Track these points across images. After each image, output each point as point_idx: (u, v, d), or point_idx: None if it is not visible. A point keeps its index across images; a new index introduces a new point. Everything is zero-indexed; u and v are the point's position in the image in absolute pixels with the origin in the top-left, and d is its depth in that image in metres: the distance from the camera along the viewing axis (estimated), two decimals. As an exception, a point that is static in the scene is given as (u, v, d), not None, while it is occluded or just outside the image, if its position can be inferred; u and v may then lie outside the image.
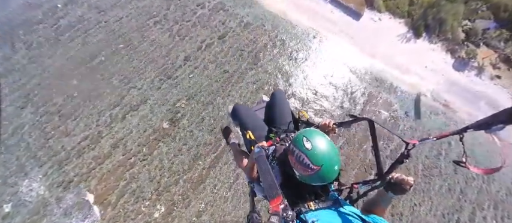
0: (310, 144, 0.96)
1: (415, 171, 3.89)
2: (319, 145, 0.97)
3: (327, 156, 0.96)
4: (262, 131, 1.63)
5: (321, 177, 0.96)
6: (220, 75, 4.62)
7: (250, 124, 1.68)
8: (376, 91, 4.64)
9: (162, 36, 5.19)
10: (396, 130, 4.25)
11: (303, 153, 0.96)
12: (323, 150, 0.96)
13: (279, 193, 0.85)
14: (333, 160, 0.97)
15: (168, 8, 5.67)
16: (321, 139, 1.00)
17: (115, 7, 5.68)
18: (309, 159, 0.94)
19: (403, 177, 1.01)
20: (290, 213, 0.81)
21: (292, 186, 1.09)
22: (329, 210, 1.00)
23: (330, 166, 0.95)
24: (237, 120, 1.81)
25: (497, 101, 4.62)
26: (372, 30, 5.39)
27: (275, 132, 1.56)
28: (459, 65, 4.98)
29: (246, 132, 1.61)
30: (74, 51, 4.91)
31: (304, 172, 0.97)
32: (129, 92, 4.38)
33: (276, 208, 0.81)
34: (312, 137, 1.00)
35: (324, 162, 0.93)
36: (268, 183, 0.91)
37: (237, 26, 5.40)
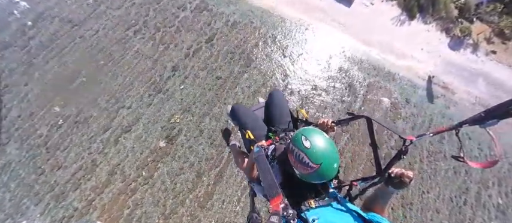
0: (309, 143, 0.97)
1: (421, 158, 3.90)
2: (318, 143, 0.98)
3: (326, 154, 0.97)
4: (261, 131, 1.62)
5: (320, 175, 0.97)
6: (213, 83, 4.39)
7: (249, 123, 1.67)
8: (374, 80, 4.54)
9: (144, 46, 4.84)
10: (398, 118, 4.20)
11: (302, 152, 0.97)
12: (322, 148, 0.97)
13: (279, 192, 0.86)
14: (332, 158, 0.98)
15: (146, 15, 5.26)
16: (319, 138, 1.00)
17: (89, 19, 5.23)
18: (308, 158, 0.95)
19: (403, 171, 1.02)
20: (290, 212, 0.82)
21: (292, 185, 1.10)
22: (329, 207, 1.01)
23: (329, 164, 0.96)
24: (236, 120, 1.80)
25: (494, 77, 4.62)
26: (364, 16, 5.19)
27: (274, 132, 1.56)
28: (454, 43, 4.90)
29: (245, 132, 1.60)
30: (51, 75, 4.53)
31: (304, 170, 0.98)
32: (118, 112, 4.12)
33: (276, 207, 0.81)
34: (310, 136, 1.00)
35: (323, 160, 0.94)
36: (268, 183, 0.91)
37: (223, 26, 5.09)
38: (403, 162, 3.84)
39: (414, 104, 4.35)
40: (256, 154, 1.12)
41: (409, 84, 4.55)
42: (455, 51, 4.87)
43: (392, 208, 3.55)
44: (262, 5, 5.46)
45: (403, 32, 5.04)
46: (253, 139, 1.56)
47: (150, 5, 5.42)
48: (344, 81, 4.50)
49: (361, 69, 4.65)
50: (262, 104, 1.96)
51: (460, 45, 4.89)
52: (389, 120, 4.15)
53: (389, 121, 4.15)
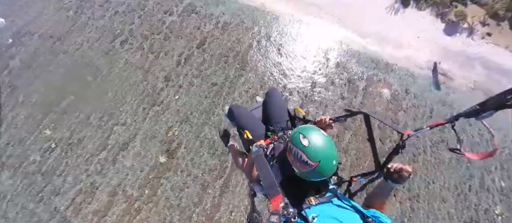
0: (307, 141, 0.96)
1: (424, 148, 3.89)
2: (316, 141, 0.98)
3: (325, 151, 0.97)
4: (259, 130, 1.62)
5: (319, 173, 0.98)
6: (209, 90, 4.23)
7: (248, 123, 1.67)
8: (373, 73, 4.46)
9: (133, 57, 4.61)
10: (399, 111, 4.16)
11: (301, 150, 0.97)
12: (320, 145, 0.97)
13: (278, 191, 0.86)
14: (331, 155, 0.98)
15: (132, 23, 4.99)
16: (317, 135, 1.00)
17: (71, 33, 4.93)
18: (307, 156, 0.95)
19: (402, 166, 1.02)
20: (290, 211, 0.82)
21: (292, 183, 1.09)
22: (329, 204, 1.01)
23: (328, 161, 0.96)
24: (234, 120, 1.79)
25: (491, 60, 4.59)
26: (358, 7, 5.04)
27: (272, 131, 1.56)
28: (450, 29, 4.83)
29: (244, 132, 1.60)
30: (37, 96, 4.28)
31: (303, 169, 0.98)
32: (112, 130, 3.95)
33: (276, 207, 0.82)
34: (308, 134, 1.00)
35: (322, 158, 0.94)
36: (267, 182, 0.91)
37: (214, 29, 4.88)
38: (407, 154, 3.83)
39: (414, 94, 4.30)
40: (255, 154, 1.11)
41: (408, 74, 4.49)
42: (451, 36, 4.80)
43: (400, 201, 3.56)
44: (252, 3, 5.24)
45: (398, 20, 4.93)
46: (251, 139, 1.54)
47: (134, 12, 5.14)
48: (343, 77, 4.40)
49: (359, 62, 4.56)
50: (260, 104, 1.94)
51: (455, 30, 4.82)
52: (391, 114, 4.11)
53: (391, 115, 4.11)
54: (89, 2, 5.38)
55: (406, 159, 3.80)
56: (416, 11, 4.98)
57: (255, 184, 1.32)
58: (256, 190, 1.31)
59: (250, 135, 1.56)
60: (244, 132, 1.62)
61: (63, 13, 5.22)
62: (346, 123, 3.94)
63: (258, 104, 1.99)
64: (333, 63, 4.52)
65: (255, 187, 1.31)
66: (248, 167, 1.41)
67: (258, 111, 1.91)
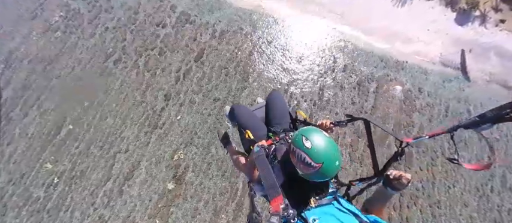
0: (309, 143, 0.95)
1: (442, 151, 3.65)
2: (319, 143, 0.97)
3: (327, 153, 0.95)
4: (261, 131, 1.61)
5: (323, 174, 0.97)
6: (212, 106, 3.95)
7: (249, 123, 1.64)
8: (383, 73, 4.15)
9: (128, 76, 4.29)
10: (414, 112, 3.88)
11: (304, 152, 0.95)
12: (323, 147, 0.96)
13: (279, 192, 0.86)
14: (334, 156, 0.97)
15: (124, 39, 4.63)
16: (319, 137, 0.99)
17: (61, 55, 4.59)
18: (310, 158, 0.94)
19: (401, 173, 1.01)
20: (291, 212, 0.81)
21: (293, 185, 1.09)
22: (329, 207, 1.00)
23: (331, 163, 0.95)
24: (235, 120, 1.76)
25: (506, 49, 4.25)
26: (362, 2, 4.65)
27: (274, 132, 1.55)
28: (461, 18, 4.45)
29: (245, 132, 1.57)
30: (33, 128, 4.02)
31: (306, 170, 0.97)
32: (115, 158, 3.71)
33: (276, 208, 0.81)
34: (310, 136, 0.99)
35: (325, 159, 0.93)
36: (268, 183, 0.91)
37: (211, 39, 4.53)
38: (425, 158, 3.59)
39: (428, 92, 4.01)
40: (257, 154, 1.09)
41: (420, 70, 4.17)
42: (463, 26, 4.43)
43: (421, 209, 3.36)
44: (249, 6, 4.84)
45: (406, 13, 4.55)
46: (253, 139, 1.51)
47: (125, 27, 4.76)
48: (351, 80, 4.09)
49: (368, 62, 4.23)
50: (262, 104, 1.92)
51: (467, 19, 4.45)
52: (405, 116, 3.84)
53: (405, 118, 3.83)
54: (77, 20, 4.99)
55: (424, 164, 3.57)
56: (424, 1, 4.58)
57: (255, 184, 1.29)
58: (256, 190, 1.28)
59: (252, 135, 1.53)
60: (245, 132, 1.58)
61: (51, 35, 4.85)
62: (361, 133, 3.69)
63: (259, 105, 1.96)
64: (340, 66, 4.19)
65: (255, 187, 1.28)
66: (249, 167, 1.38)
67: (259, 111, 1.87)
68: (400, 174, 0.99)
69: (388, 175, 1.02)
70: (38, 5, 5.30)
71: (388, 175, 1.02)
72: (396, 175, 0.99)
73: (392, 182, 1.00)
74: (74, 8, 5.18)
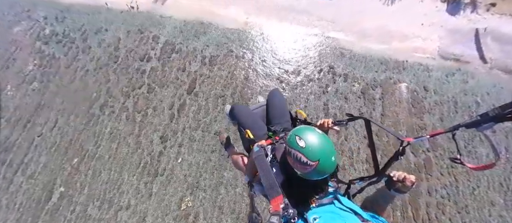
0: (303, 142, 0.92)
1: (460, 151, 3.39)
2: (312, 140, 0.93)
3: (322, 149, 0.91)
4: (261, 130, 1.56)
5: (320, 171, 0.92)
6: (214, 142, 3.57)
7: (249, 123, 1.59)
8: (385, 77, 3.88)
9: (118, 122, 3.85)
10: (424, 113, 3.63)
11: (299, 152, 0.92)
12: (317, 144, 0.92)
13: (279, 192, 0.85)
14: (329, 152, 0.92)
15: (107, 80, 4.18)
16: (312, 135, 0.95)
17: (41, 109, 4.09)
18: (306, 157, 0.90)
19: (405, 175, 0.94)
20: (291, 212, 0.80)
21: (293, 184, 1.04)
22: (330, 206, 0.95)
23: (327, 159, 0.91)
24: (236, 119, 1.71)
25: (502, 32, 4.08)
26: (350, 3, 4.38)
27: (274, 131, 1.51)
28: (452, 7, 4.25)
29: (245, 131, 1.53)
30: (21, 196, 3.51)
31: (304, 169, 0.93)
32: (117, 217, 3.27)
33: (276, 207, 0.80)
34: (303, 134, 0.95)
35: (321, 156, 0.90)
36: (268, 182, 0.90)
37: (201, 67, 4.14)
38: (444, 162, 3.34)
39: (433, 90, 3.77)
40: (256, 154, 1.08)
41: (421, 68, 3.94)
42: (456, 15, 4.24)
43: (450, 218, 3.10)
44: (235, 25, 4.49)
45: (397, 10, 4.31)
46: (252, 139, 1.48)
47: (106, 66, 4.31)
48: (355, 89, 3.81)
49: (368, 67, 3.96)
50: (262, 104, 1.85)
51: (458, 8, 4.25)
52: (416, 120, 3.58)
53: (416, 121, 3.58)
54: (53, 66, 4.50)
55: (444, 168, 3.32)
56: (413, -5, 4.37)
57: (256, 184, 1.25)
58: (256, 190, 1.25)
59: (251, 135, 1.49)
60: (245, 132, 1.54)
61: (26, 87, 4.34)
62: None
63: (260, 104, 1.88)
64: (341, 76, 3.90)
65: (255, 187, 1.25)
66: (249, 167, 1.34)
67: (260, 111, 1.81)
68: (404, 176, 0.93)
69: (391, 176, 0.96)
70: (9, 55, 4.77)
71: (391, 177, 0.97)
72: (400, 177, 0.93)
73: (395, 184, 0.95)
74: (48, 53, 4.68)
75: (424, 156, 3.34)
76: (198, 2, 4.77)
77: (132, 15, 4.87)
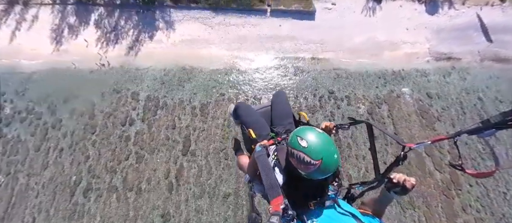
0: (305, 142, 0.89)
1: (480, 154, 3.15)
2: (314, 140, 0.90)
3: (324, 148, 0.88)
4: (264, 130, 1.50)
5: (324, 169, 0.88)
6: (224, 206, 3.00)
7: (252, 123, 1.53)
8: (387, 91, 3.61)
9: (108, 207, 3.16)
10: (435, 122, 3.36)
11: (302, 152, 0.88)
12: (319, 143, 0.89)
13: (279, 192, 0.84)
14: (331, 150, 0.90)
15: (86, 157, 3.48)
16: (314, 134, 0.92)
17: (13, 208, 3.28)
18: (309, 156, 0.87)
19: (405, 177, 0.90)
20: (290, 213, 0.80)
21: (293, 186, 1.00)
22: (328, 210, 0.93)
23: (329, 157, 0.88)
24: (239, 119, 1.64)
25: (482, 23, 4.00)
26: (335, 23, 4.11)
27: (276, 132, 1.47)
28: (431, 7, 4.14)
29: (248, 131, 1.48)
30: None
31: (308, 169, 0.89)
32: None
33: (276, 208, 0.79)
34: (304, 135, 0.92)
35: (323, 155, 0.87)
36: (269, 182, 0.89)
37: (192, 119, 3.59)
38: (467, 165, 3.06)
39: (437, 95, 3.55)
40: (258, 154, 1.04)
41: (418, 74, 3.72)
42: (435, 14, 4.12)
43: (492, 233, 2.79)
44: (222, 65, 4.02)
45: (379, 19, 4.11)
46: (255, 139, 1.42)
47: (84, 141, 3.61)
48: (361, 111, 3.47)
49: (367, 85, 3.65)
50: (266, 104, 1.80)
51: (436, 7, 4.15)
52: (430, 131, 3.30)
53: (431, 133, 3.29)
54: (20, 152, 3.70)
55: (472, 179, 3.04)
56: (392, 2, 4.20)
57: (256, 184, 1.20)
58: (256, 190, 1.19)
59: (254, 135, 1.45)
60: (248, 131, 1.49)
61: (-12, 185, 3.50)
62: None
63: (264, 105, 1.83)
64: (343, 101, 3.54)
65: (256, 187, 1.19)
66: (250, 167, 1.25)
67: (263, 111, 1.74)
68: (404, 179, 0.88)
69: (391, 179, 0.91)
70: (-38, 147, 3.89)
71: (391, 179, 0.91)
72: (400, 180, 0.89)
73: (395, 187, 0.90)
74: (12, 136, 3.88)
75: (449, 170, 3.04)
76: (175, 47, 4.26)
77: (104, 74, 4.23)
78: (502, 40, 3.81)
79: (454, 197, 2.90)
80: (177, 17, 4.46)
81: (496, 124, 0.73)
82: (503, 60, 3.78)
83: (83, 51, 4.40)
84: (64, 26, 4.72)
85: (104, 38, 4.56)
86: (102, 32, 4.60)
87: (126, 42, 4.42)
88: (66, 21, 4.72)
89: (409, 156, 2.82)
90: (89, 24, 4.70)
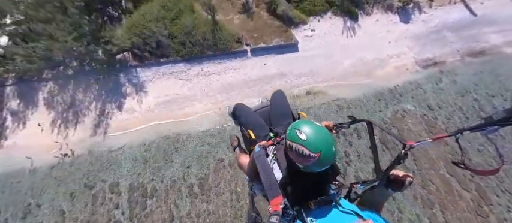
0: (304, 135, 0.85)
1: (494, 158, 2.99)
2: (313, 133, 0.86)
3: (323, 140, 0.84)
4: (263, 131, 1.43)
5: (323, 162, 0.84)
6: None
7: (251, 123, 1.46)
8: (391, 112, 3.35)
9: None
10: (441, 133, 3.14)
11: (301, 145, 0.84)
12: (317, 136, 0.85)
13: (279, 192, 0.83)
14: (329, 143, 0.85)
15: None
16: (312, 128, 0.87)
17: None
18: (308, 149, 0.83)
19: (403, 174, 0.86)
20: (290, 213, 0.79)
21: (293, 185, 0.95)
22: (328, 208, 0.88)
23: (328, 149, 0.84)
24: (238, 120, 1.56)
25: (451, 21, 4.05)
26: (319, 50, 3.79)
27: (276, 132, 1.37)
28: (404, 16, 4.06)
29: (247, 132, 1.42)
30: None
31: (307, 162, 0.84)
32: None
33: (276, 207, 0.78)
34: (303, 128, 0.87)
35: (322, 147, 0.83)
36: (268, 183, 0.86)
37: (193, 202, 2.87)
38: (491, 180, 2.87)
39: (437, 104, 3.38)
40: (257, 154, 1.00)
41: (413, 86, 3.53)
42: (410, 22, 4.04)
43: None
44: (210, 122, 3.37)
45: (361, 37, 3.88)
46: (254, 139, 1.36)
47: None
48: (373, 142, 3.11)
49: (370, 110, 3.34)
50: (265, 104, 1.69)
51: (408, 15, 4.08)
52: (443, 146, 3.07)
53: (445, 148, 3.06)
54: None
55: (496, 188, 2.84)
56: (368, 18, 4.01)
57: (256, 184, 1.15)
58: (256, 190, 1.15)
59: (253, 135, 1.37)
60: (247, 132, 1.42)
61: None
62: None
63: (263, 105, 1.70)
64: (353, 135, 3.16)
65: (255, 187, 1.16)
66: (250, 167, 1.19)
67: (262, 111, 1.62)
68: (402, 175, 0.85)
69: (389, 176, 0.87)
70: None
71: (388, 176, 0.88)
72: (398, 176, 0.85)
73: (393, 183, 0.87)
74: None
75: (474, 186, 2.81)
76: (152, 113, 3.51)
77: (69, 167, 3.28)
78: (471, 34, 3.85)
79: (488, 214, 2.67)
80: (146, 76, 3.71)
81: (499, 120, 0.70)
82: (479, 53, 3.81)
83: (37, 140, 3.41)
84: (6, 114, 3.66)
85: (60, 119, 3.62)
86: (56, 113, 3.65)
87: (89, 119, 3.53)
88: (8, 107, 3.67)
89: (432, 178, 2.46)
90: (38, 105, 3.71)
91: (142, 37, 3.68)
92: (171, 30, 3.79)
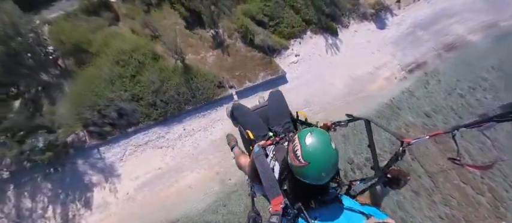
0: (310, 141, 0.77)
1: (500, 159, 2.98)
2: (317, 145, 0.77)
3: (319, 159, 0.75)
4: (261, 131, 1.37)
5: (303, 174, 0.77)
6: None
7: (250, 124, 1.41)
8: (397, 126, 3.15)
9: None
10: (448, 141, 3.04)
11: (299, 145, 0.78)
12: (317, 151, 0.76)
13: (279, 192, 0.78)
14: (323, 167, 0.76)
15: None
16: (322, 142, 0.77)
17: None
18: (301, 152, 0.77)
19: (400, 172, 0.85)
20: (290, 212, 0.74)
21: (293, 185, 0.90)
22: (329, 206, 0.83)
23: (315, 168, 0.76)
24: (236, 120, 1.51)
25: (420, 20, 4.03)
26: (308, 75, 3.39)
27: (274, 132, 1.32)
28: (379, 23, 3.89)
29: (246, 132, 1.36)
30: None
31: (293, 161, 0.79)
32: None
33: (276, 207, 0.74)
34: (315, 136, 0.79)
35: (312, 162, 0.75)
36: (268, 183, 0.83)
37: None
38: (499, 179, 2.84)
39: (432, 110, 3.26)
40: (256, 154, 0.95)
41: (406, 95, 3.37)
42: (385, 28, 3.87)
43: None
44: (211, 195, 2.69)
45: (346, 52, 3.57)
46: (253, 139, 1.29)
47: None
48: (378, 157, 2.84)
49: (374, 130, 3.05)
50: (263, 104, 1.61)
51: (382, 21, 3.91)
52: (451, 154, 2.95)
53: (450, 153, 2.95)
54: None
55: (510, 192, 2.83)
56: (346, 31, 3.70)
57: (256, 184, 1.10)
58: (256, 190, 1.12)
59: (252, 135, 1.31)
60: (246, 132, 1.35)
61: None
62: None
63: (261, 104, 1.62)
64: (367, 167, 2.84)
65: (255, 187, 1.11)
66: (249, 167, 1.14)
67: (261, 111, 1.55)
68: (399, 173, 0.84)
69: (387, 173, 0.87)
70: None
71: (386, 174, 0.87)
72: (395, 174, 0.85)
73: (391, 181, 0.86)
74: None
75: (487, 188, 2.75)
76: (134, 202, 2.68)
77: None
78: (438, 29, 3.87)
79: (505, 215, 2.64)
80: (113, 155, 2.83)
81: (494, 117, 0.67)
82: (451, 46, 3.84)
83: None
84: None
85: (4, 240, 2.56)
86: (-5, 234, 2.57)
87: (46, 233, 2.55)
88: None
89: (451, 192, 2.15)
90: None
91: (96, 109, 2.75)
92: (133, 92, 2.93)
